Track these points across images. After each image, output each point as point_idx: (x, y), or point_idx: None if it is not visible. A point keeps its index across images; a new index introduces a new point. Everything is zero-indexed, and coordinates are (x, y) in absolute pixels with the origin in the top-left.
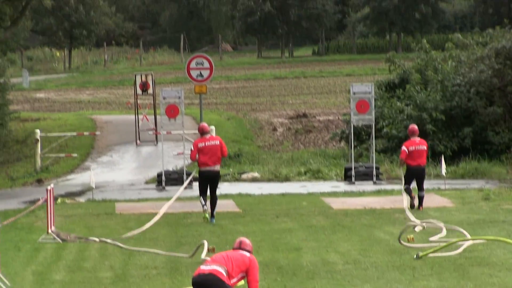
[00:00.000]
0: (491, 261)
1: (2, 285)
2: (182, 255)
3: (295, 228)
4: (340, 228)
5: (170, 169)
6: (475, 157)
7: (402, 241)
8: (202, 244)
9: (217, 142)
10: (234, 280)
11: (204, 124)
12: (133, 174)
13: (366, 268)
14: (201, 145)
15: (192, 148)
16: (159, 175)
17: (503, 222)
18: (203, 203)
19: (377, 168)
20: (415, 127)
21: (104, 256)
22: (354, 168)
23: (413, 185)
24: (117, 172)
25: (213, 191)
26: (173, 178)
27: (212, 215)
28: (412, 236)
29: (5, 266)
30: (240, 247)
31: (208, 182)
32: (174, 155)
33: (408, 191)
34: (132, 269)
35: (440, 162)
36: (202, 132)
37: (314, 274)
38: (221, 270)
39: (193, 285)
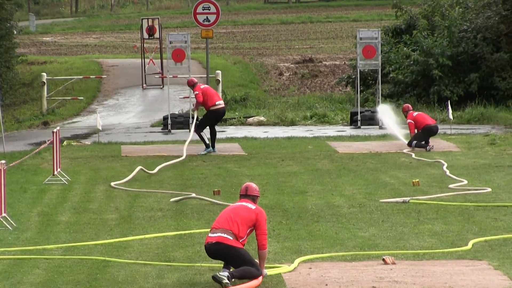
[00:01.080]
0: (496, 205)
1: (8, 226)
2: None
3: (301, 172)
4: (346, 171)
5: (176, 112)
6: (481, 103)
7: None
8: (189, 196)
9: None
10: (243, 239)
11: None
12: (139, 117)
13: (371, 212)
14: (203, 86)
15: (197, 91)
16: (165, 119)
17: (508, 166)
18: (205, 137)
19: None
20: (408, 104)
21: (109, 198)
22: (360, 112)
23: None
24: (123, 115)
25: (214, 126)
26: (179, 122)
27: (213, 146)
28: (417, 180)
29: (11, 207)
30: (247, 193)
31: (218, 119)
32: (180, 99)
33: (419, 145)
34: (137, 211)
35: (446, 107)
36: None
37: (319, 217)
38: (227, 236)
39: (206, 253)
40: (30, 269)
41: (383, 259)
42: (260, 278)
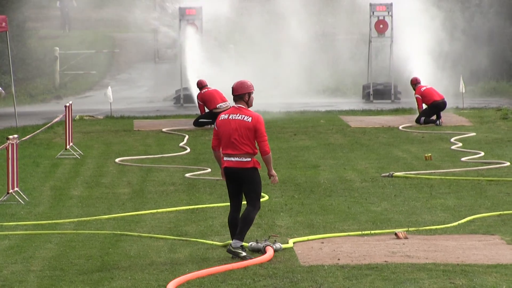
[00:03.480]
0: (509, 180)
1: (20, 200)
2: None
3: (313, 146)
4: (358, 146)
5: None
6: (493, 77)
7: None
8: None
9: None
10: (255, 150)
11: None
12: (151, 92)
13: (384, 186)
14: (205, 90)
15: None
16: (178, 92)
17: None
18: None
19: (395, 87)
20: (417, 77)
21: (122, 173)
22: (373, 86)
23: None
24: (136, 90)
25: None
26: (191, 95)
27: None
28: (430, 154)
29: (23, 182)
30: (237, 94)
31: None
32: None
33: (427, 120)
34: (149, 186)
35: (459, 81)
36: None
37: (332, 192)
38: (235, 159)
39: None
40: (42, 244)
41: (396, 234)
42: (272, 252)
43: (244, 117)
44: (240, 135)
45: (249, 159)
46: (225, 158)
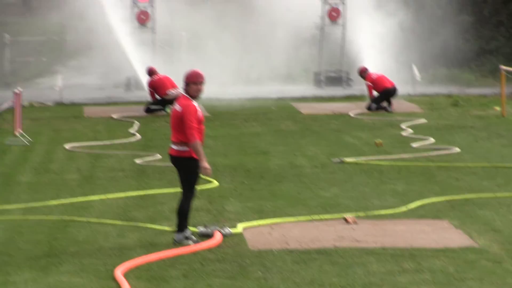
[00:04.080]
0: (458, 166)
1: None
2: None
3: (264, 132)
4: (309, 132)
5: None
6: (444, 64)
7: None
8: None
9: None
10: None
11: None
12: (102, 78)
13: (334, 172)
14: (156, 77)
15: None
16: (128, 79)
17: (471, 127)
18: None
19: (347, 74)
20: (364, 66)
21: (71, 159)
22: (324, 73)
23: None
24: (86, 76)
25: None
26: (141, 82)
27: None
28: (380, 140)
29: None
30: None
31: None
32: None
33: (378, 107)
34: (99, 172)
35: (411, 68)
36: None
37: (282, 177)
38: (174, 147)
39: None
40: None
41: (345, 219)
42: (219, 237)
43: (177, 106)
44: (174, 124)
45: (186, 148)
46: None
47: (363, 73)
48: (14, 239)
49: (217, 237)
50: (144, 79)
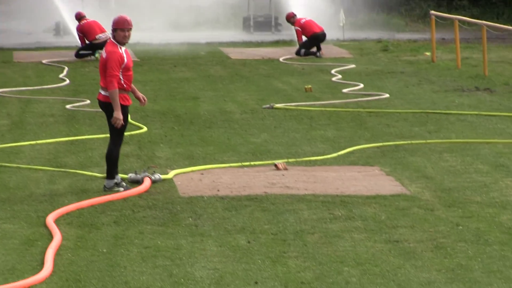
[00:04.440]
0: (388, 112)
1: None
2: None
3: (193, 78)
4: (238, 78)
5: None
6: (374, 9)
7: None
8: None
9: None
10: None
11: None
12: (31, 24)
13: (264, 118)
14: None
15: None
16: (58, 24)
17: (401, 73)
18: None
19: (275, 19)
20: (291, 11)
21: (1, 104)
22: (253, 18)
23: None
24: (15, 21)
25: None
26: (70, 27)
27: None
28: (310, 86)
29: None
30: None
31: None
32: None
33: (307, 52)
34: (29, 117)
35: (338, 13)
36: None
37: (212, 123)
38: (102, 92)
39: None
40: None
41: (275, 165)
42: (148, 183)
43: (102, 52)
44: (101, 70)
45: (105, 94)
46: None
47: (291, 18)
48: None
49: (145, 183)
50: (73, 24)
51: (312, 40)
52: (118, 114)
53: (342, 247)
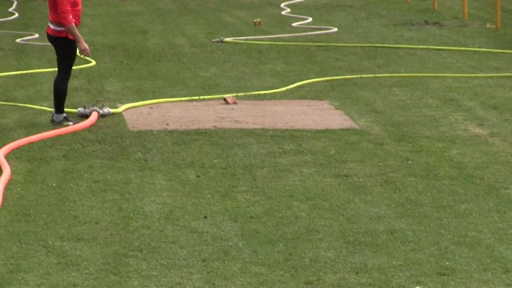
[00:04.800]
0: (337, 45)
1: None
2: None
3: (142, 11)
4: (187, 11)
5: None
6: None
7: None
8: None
9: None
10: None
11: None
12: None
13: (213, 51)
14: None
15: None
16: None
17: (350, 7)
18: None
19: None
20: None
21: None
22: None
23: None
24: None
25: None
26: None
27: None
28: (259, 19)
29: None
30: None
31: None
32: None
33: None
34: None
35: None
36: None
37: (161, 57)
38: (51, 26)
39: None
40: None
41: (224, 99)
42: (95, 117)
43: None
44: (51, 4)
45: (63, 29)
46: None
47: None
48: None
49: (92, 117)
50: None
51: None
52: (83, 45)
53: (291, 182)
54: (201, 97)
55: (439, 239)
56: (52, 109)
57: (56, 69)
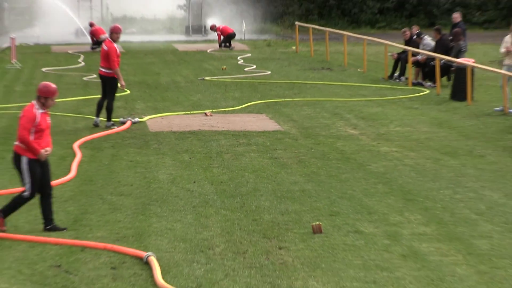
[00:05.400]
0: (270, 81)
1: None
2: None
3: (156, 62)
4: (183, 62)
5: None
6: (262, 21)
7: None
8: None
9: None
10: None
11: None
12: (61, 29)
13: (198, 85)
14: None
15: None
16: (76, 29)
17: (278, 59)
18: None
19: (204, 27)
20: (214, 23)
21: (45, 77)
22: (191, 26)
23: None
24: (51, 28)
25: None
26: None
27: None
28: (225, 66)
29: None
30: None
31: None
32: None
33: (225, 46)
34: (61, 84)
35: (241, 25)
36: None
37: (168, 88)
38: (103, 69)
39: None
40: None
41: (205, 113)
42: (129, 124)
43: (104, 46)
44: (103, 56)
45: (110, 71)
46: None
47: (213, 28)
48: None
49: (126, 124)
50: (86, 30)
51: (227, 38)
52: (123, 81)
53: (244, 161)
54: (191, 112)
55: (330, 195)
56: (105, 119)
57: (106, 95)
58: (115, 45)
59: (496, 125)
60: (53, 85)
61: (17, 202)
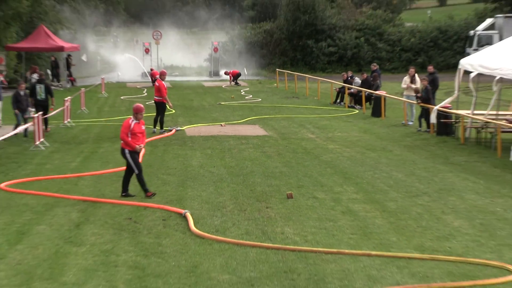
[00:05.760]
0: (261, 105)
1: None
2: None
3: (191, 93)
4: (207, 93)
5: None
6: (257, 67)
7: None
8: None
9: None
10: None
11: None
12: (133, 73)
13: (216, 107)
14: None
15: None
16: (142, 73)
17: (266, 91)
18: None
19: (219, 71)
20: (226, 70)
21: (122, 103)
22: (213, 71)
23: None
24: (124, 71)
25: None
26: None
27: None
28: (233, 96)
29: None
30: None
31: None
32: None
33: (235, 83)
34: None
35: (243, 70)
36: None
37: (198, 109)
38: (156, 97)
39: None
40: None
41: (221, 124)
42: (173, 131)
43: (156, 83)
44: (156, 89)
45: (160, 98)
46: None
47: (226, 73)
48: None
49: (173, 131)
50: (148, 73)
51: (235, 77)
52: (170, 104)
53: (245, 154)
54: (212, 123)
55: (298, 175)
56: (159, 128)
57: (158, 113)
58: (163, 82)
59: (400, 132)
60: (142, 106)
61: (139, 180)
